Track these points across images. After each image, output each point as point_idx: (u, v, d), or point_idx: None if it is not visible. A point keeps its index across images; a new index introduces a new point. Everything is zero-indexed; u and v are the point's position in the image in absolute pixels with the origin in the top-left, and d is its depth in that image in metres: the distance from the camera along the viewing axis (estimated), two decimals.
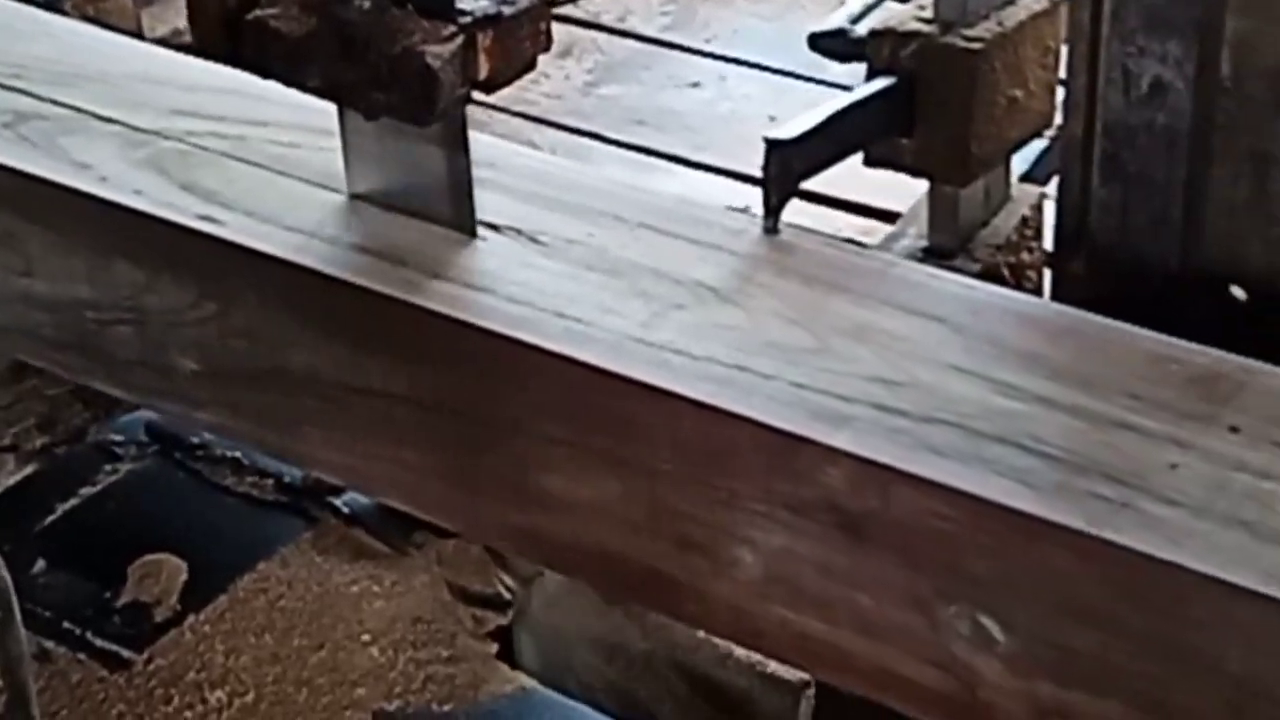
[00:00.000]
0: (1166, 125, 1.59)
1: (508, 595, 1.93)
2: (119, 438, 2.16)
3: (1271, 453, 1.37)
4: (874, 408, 1.44)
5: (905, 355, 1.49)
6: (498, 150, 1.69)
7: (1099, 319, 1.54)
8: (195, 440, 2.07)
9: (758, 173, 1.63)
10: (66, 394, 2.38)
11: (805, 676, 2.02)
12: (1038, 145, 1.81)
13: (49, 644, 1.86)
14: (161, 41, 2.37)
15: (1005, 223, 1.91)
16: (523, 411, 1.50)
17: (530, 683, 1.89)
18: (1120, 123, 1.62)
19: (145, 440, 2.13)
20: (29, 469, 2.24)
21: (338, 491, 1.91)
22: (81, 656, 1.86)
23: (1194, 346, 1.47)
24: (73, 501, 2.07)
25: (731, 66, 2.54)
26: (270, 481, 2.03)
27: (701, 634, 2.01)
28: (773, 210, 1.62)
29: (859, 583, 1.46)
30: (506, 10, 1.60)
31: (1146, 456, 1.38)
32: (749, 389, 1.44)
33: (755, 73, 2.49)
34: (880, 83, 1.67)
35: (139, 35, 2.08)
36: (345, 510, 1.98)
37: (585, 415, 1.49)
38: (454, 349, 1.52)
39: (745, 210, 1.64)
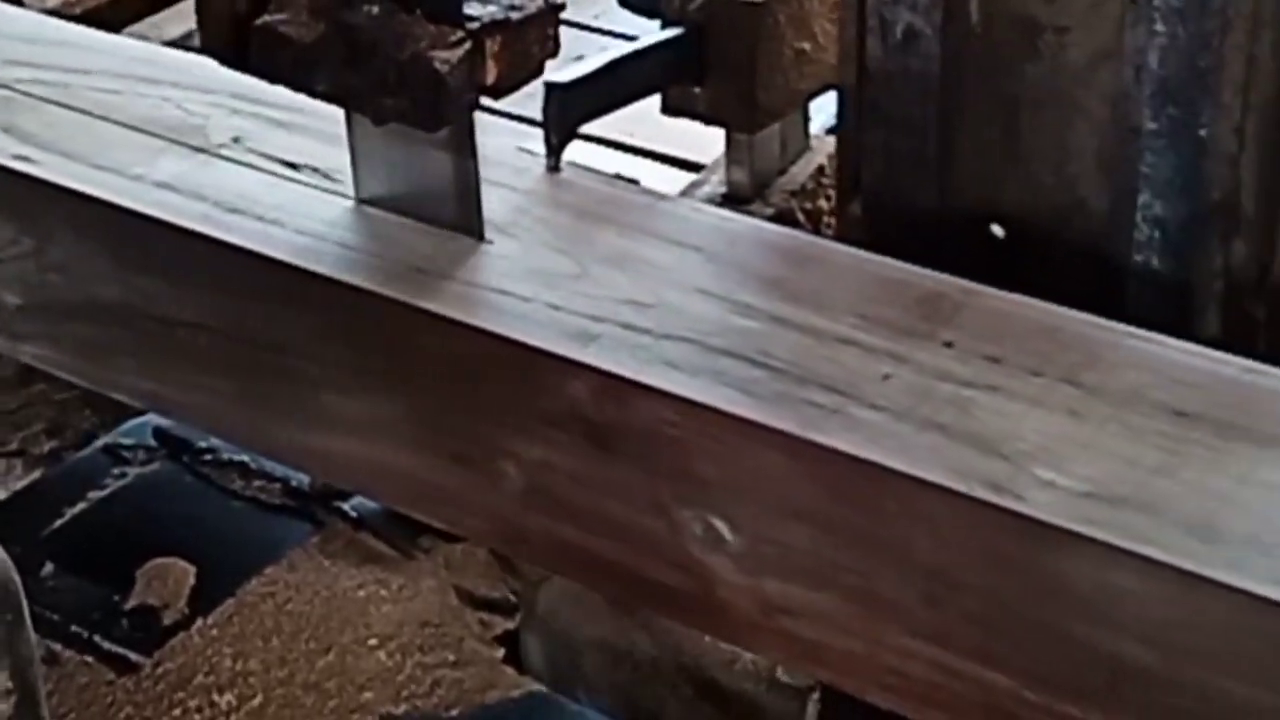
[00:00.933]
0: (920, 71, 1.66)
1: (515, 599, 1.93)
2: (127, 442, 2.17)
3: (978, 365, 1.48)
4: (620, 326, 1.56)
5: (658, 280, 1.61)
6: (303, 98, 1.75)
7: (844, 248, 1.67)
8: (203, 445, 2.08)
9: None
10: (75, 399, 2.39)
11: (812, 682, 2.02)
12: None
13: (57, 647, 1.86)
14: (174, 44, 2.39)
15: (802, 170, 2.07)
16: (308, 337, 1.62)
17: (537, 687, 1.89)
18: (880, 69, 1.68)
19: (153, 445, 2.13)
20: (37, 473, 2.25)
21: (345, 496, 1.91)
22: (90, 660, 1.86)
23: (925, 272, 1.58)
24: (81, 506, 2.07)
25: (616, 41, 2.58)
26: (277, 486, 2.03)
27: (708, 639, 2.02)
28: (553, 150, 1.74)
29: (607, 491, 1.57)
30: (514, 16, 1.61)
31: (862, 369, 1.50)
32: (508, 311, 1.56)
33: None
34: (666, 34, 1.80)
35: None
36: (352, 514, 1.98)
37: (363, 339, 1.61)
38: (249, 279, 1.62)
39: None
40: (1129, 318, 1.59)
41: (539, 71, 1.66)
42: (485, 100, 1.64)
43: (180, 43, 2.41)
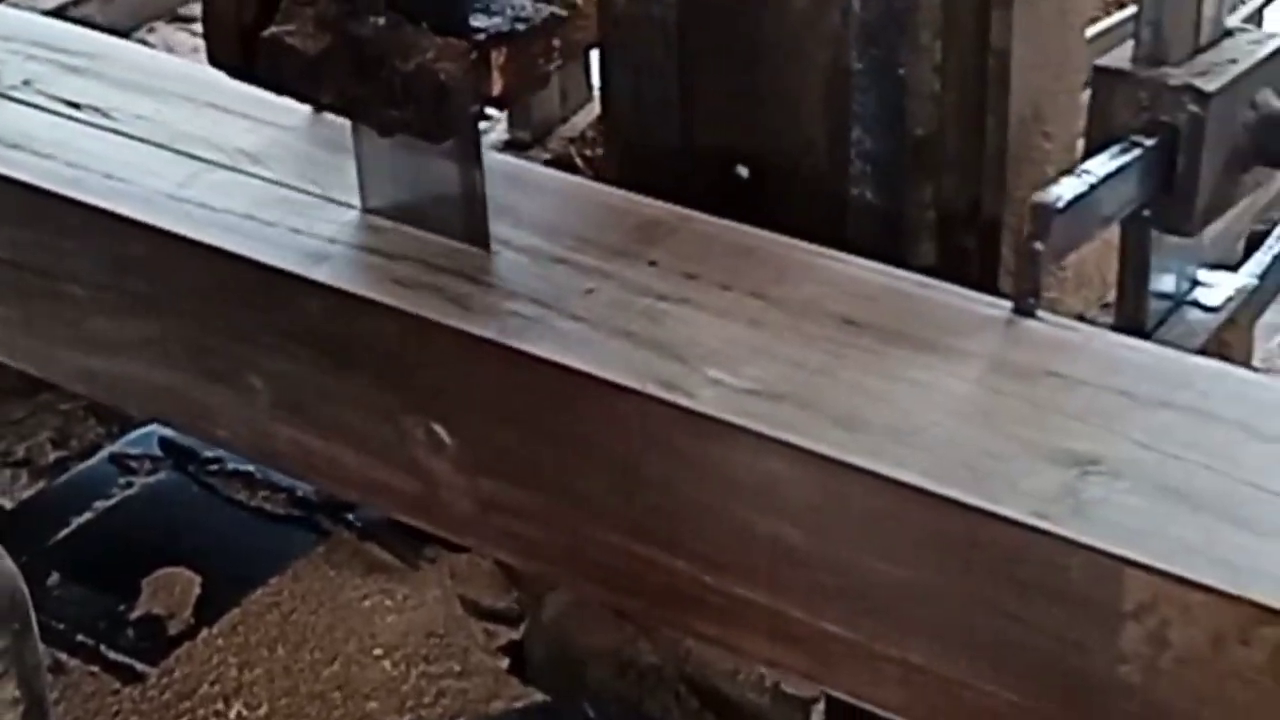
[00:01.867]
0: (660, 18, 1.76)
1: (519, 609, 1.93)
2: (133, 452, 2.17)
3: (675, 280, 1.62)
4: (355, 248, 1.70)
5: None
6: (99, 43, 1.99)
7: (580, 181, 1.83)
8: (209, 454, 2.08)
9: None
10: (80, 409, 2.39)
11: (815, 692, 2.02)
12: None
13: (63, 657, 1.86)
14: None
15: (583, 119, 2.20)
16: (77, 262, 1.75)
17: (542, 697, 1.89)
18: (626, 18, 1.78)
19: (159, 455, 2.14)
20: (43, 483, 2.25)
21: (350, 506, 1.92)
22: (95, 669, 1.86)
23: (648, 200, 1.71)
24: (87, 515, 2.07)
25: None
26: (283, 495, 2.04)
27: (713, 649, 2.02)
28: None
29: (343, 401, 1.70)
30: (520, 27, 1.62)
31: (569, 284, 1.64)
32: (252, 235, 1.70)
33: None
34: None
35: None
36: (357, 524, 1.99)
37: (124, 263, 1.72)
38: (26, 210, 1.77)
39: None
40: (852, 248, 1.71)
41: (545, 82, 1.67)
42: None
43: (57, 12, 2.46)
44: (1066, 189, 1.64)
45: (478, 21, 1.62)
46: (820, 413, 1.50)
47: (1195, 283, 2.04)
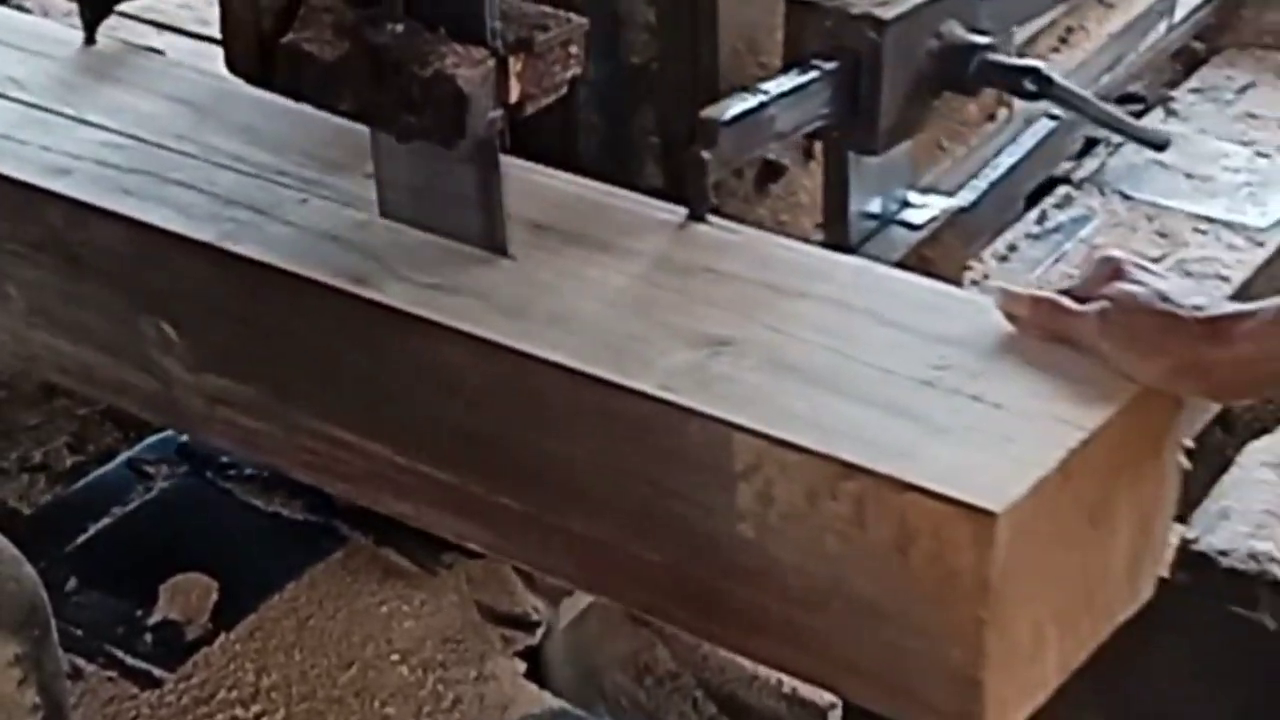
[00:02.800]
0: None
1: (536, 615, 1.93)
2: (150, 457, 2.17)
3: (363, 184, 1.79)
4: (95, 163, 1.87)
5: (144, 127, 1.94)
6: None
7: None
8: (226, 460, 2.08)
9: None
10: (97, 414, 2.40)
11: (832, 699, 2.02)
12: None
13: (81, 662, 1.86)
14: None
15: None
16: None
17: (559, 703, 1.89)
18: None
19: (176, 460, 2.14)
20: (60, 489, 2.25)
21: (367, 512, 1.92)
22: (113, 675, 1.86)
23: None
24: (104, 521, 2.07)
25: None
26: (300, 501, 2.04)
27: (729, 655, 2.02)
28: (88, 25, 2.07)
29: (86, 305, 1.87)
30: (538, 35, 1.62)
31: (288, 195, 1.82)
32: (5, 152, 1.90)
33: None
34: None
35: None
36: (374, 530, 1.99)
37: None
38: None
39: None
40: (584, 170, 1.87)
41: (562, 88, 1.67)
42: None
43: None
44: (735, 105, 1.79)
45: (496, 28, 1.62)
46: (492, 304, 1.66)
47: (906, 204, 2.26)
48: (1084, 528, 1.53)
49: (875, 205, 2.23)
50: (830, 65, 1.90)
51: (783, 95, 1.86)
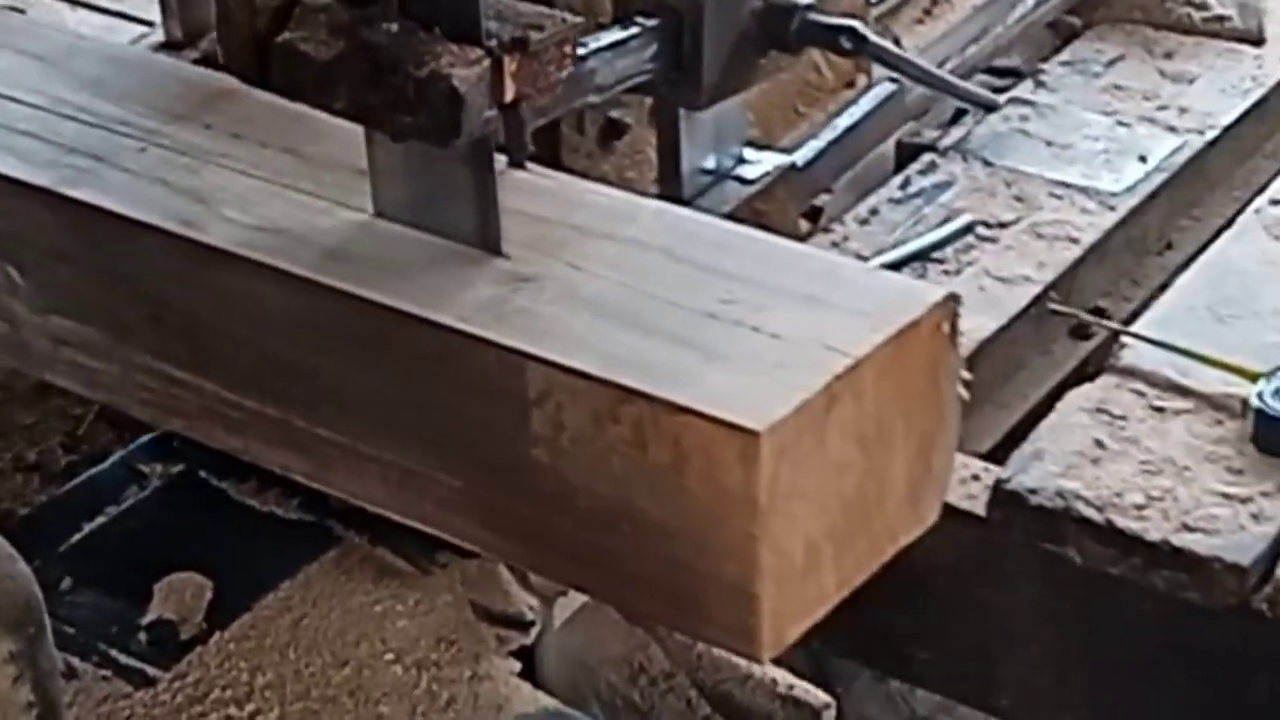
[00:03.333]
0: None
1: (531, 615, 1.94)
2: (144, 457, 2.17)
3: (223, 141, 1.90)
4: None
5: None
6: None
7: (171, 60, 2.16)
8: (220, 459, 2.08)
9: None
10: (91, 413, 2.39)
11: (827, 699, 2.02)
12: None
13: (75, 661, 1.86)
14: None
15: None
16: None
17: (553, 703, 1.90)
18: None
19: (171, 459, 2.14)
20: (54, 488, 2.25)
21: (362, 511, 1.92)
22: (107, 674, 1.86)
23: (223, 76, 1.88)
24: (99, 520, 2.07)
25: None
26: (295, 501, 2.04)
27: (724, 655, 2.02)
28: None
29: None
30: (533, 35, 1.62)
31: (127, 143, 1.91)
32: None
33: None
34: None
35: None
36: (369, 530, 1.99)
37: None
38: None
39: None
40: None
41: (557, 89, 1.68)
42: None
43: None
44: None
45: (490, 28, 1.62)
46: (309, 245, 1.75)
47: (741, 160, 2.39)
48: (856, 452, 1.60)
49: (710, 161, 2.36)
50: (653, 22, 1.97)
51: (602, 49, 1.94)
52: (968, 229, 2.62)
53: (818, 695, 2.00)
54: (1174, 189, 2.81)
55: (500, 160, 1.77)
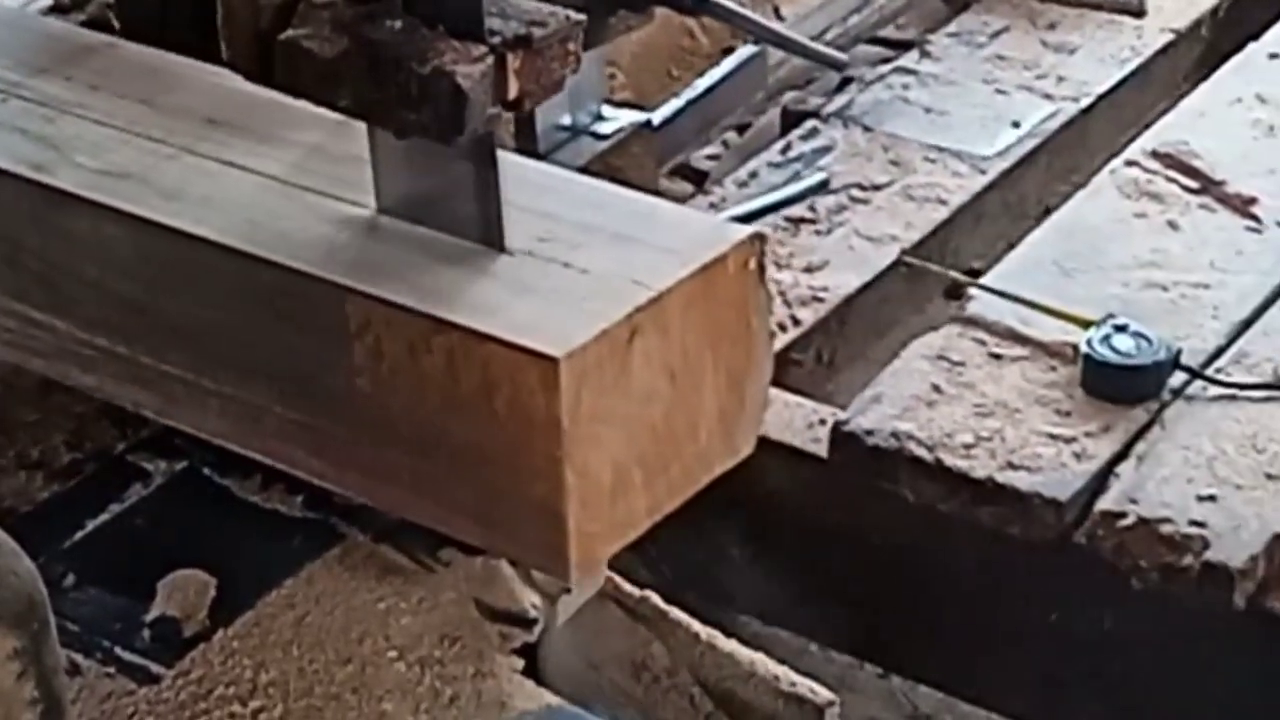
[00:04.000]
0: None
1: (534, 613, 1.94)
2: (147, 454, 2.17)
3: (82, 92, 1.98)
4: None
5: None
6: None
7: (48, 20, 2.27)
8: (224, 457, 2.08)
9: None
10: (94, 411, 2.39)
11: (830, 696, 2.02)
12: None
13: (79, 658, 1.86)
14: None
15: None
16: None
17: (556, 700, 1.90)
18: None
19: (174, 457, 2.14)
20: (58, 486, 2.25)
21: (365, 508, 1.92)
22: (111, 671, 1.87)
23: (85, 31, 2.10)
24: (102, 518, 2.08)
25: None
26: (298, 498, 2.04)
27: (727, 652, 2.02)
28: None
29: None
30: (537, 32, 1.62)
31: None
32: None
33: None
34: None
35: None
36: (373, 526, 1.99)
37: None
38: None
39: None
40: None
41: (560, 86, 1.68)
42: None
43: None
44: None
45: (494, 25, 1.62)
46: (153, 188, 1.82)
47: (599, 117, 2.52)
48: (664, 383, 1.67)
49: (566, 118, 2.50)
50: None
51: None
52: (822, 185, 2.73)
53: (821, 693, 2.00)
54: (1051, 155, 2.92)
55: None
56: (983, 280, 2.48)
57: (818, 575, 2.35)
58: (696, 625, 2.04)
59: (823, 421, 2.30)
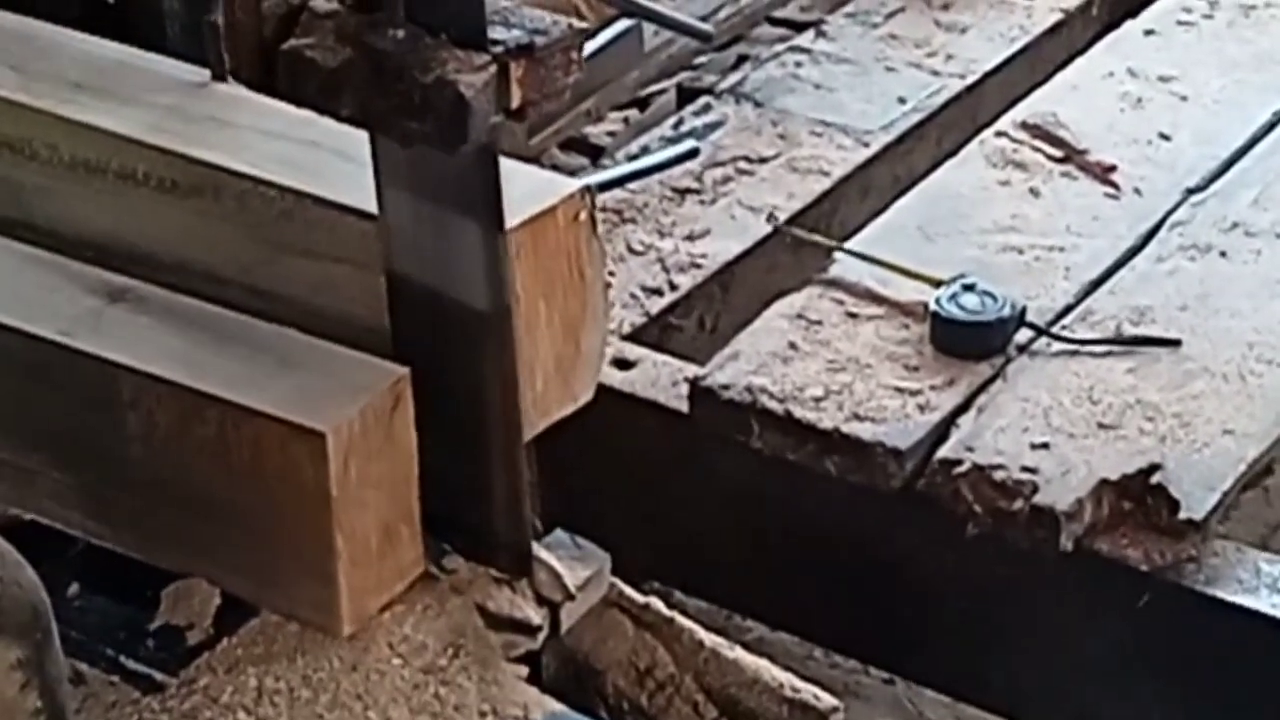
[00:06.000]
0: None
1: (538, 620, 1.94)
2: None
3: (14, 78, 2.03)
4: None
5: None
6: None
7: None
8: None
9: None
10: None
11: (835, 703, 2.02)
12: None
13: (83, 667, 1.86)
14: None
15: None
16: None
17: (560, 707, 1.90)
18: None
19: None
20: None
21: None
22: (115, 679, 1.87)
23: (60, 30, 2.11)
24: None
25: None
26: None
27: (731, 658, 2.02)
28: None
29: None
30: (539, 40, 1.62)
31: None
32: None
33: None
34: None
35: None
36: None
37: None
38: None
39: None
40: (174, 54, 2.08)
41: (563, 94, 1.68)
42: None
43: None
44: None
45: (496, 34, 1.63)
46: None
47: None
48: None
49: None
50: None
51: None
52: (691, 153, 2.80)
53: (826, 699, 2.00)
54: (940, 130, 3.00)
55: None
56: (847, 245, 2.57)
57: (682, 526, 2.44)
58: (701, 632, 2.04)
59: (687, 379, 2.38)
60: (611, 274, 2.54)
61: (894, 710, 2.62)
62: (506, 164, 1.82)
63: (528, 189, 1.81)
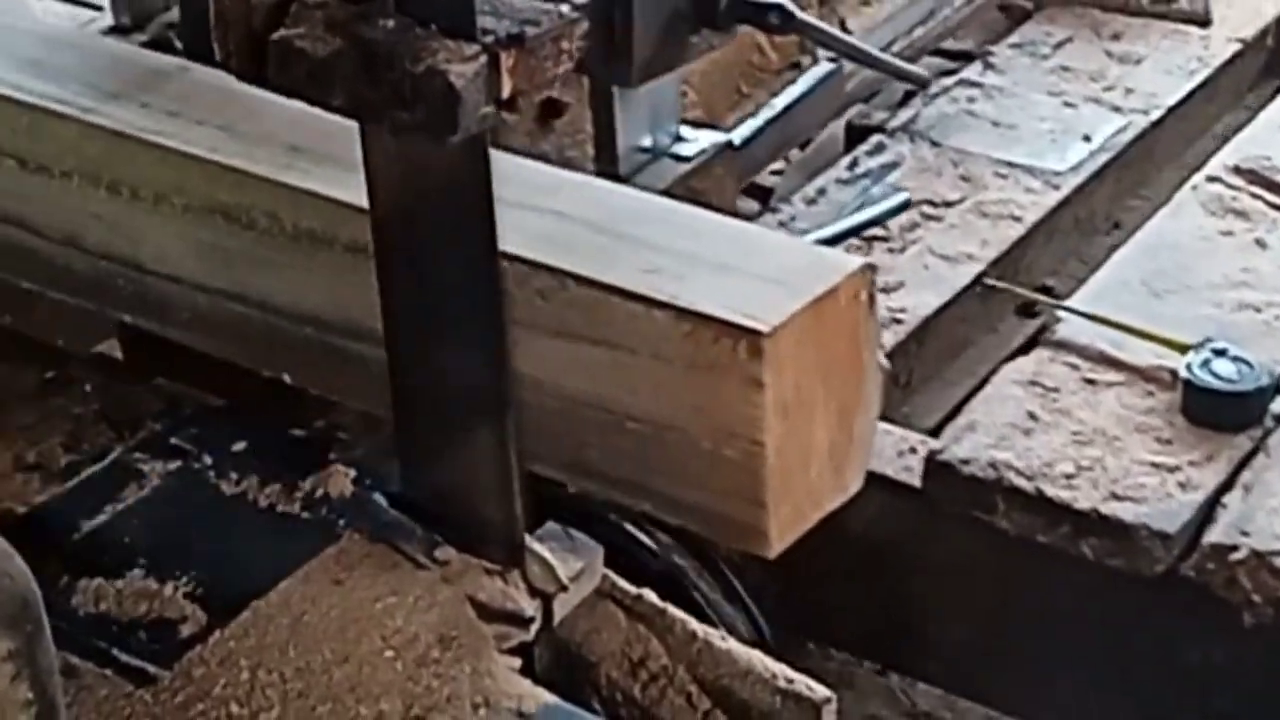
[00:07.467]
0: None
1: (530, 611, 1.93)
2: (144, 455, 2.17)
3: (159, 119, 2.00)
4: None
5: None
6: None
7: (105, 40, 2.34)
8: (220, 457, 2.08)
9: None
10: (92, 413, 2.39)
11: (828, 693, 2.02)
12: None
13: (75, 660, 1.86)
14: None
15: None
16: None
17: (552, 698, 1.89)
18: None
19: (170, 457, 2.14)
20: (55, 487, 2.25)
21: (362, 506, 1.92)
22: (107, 672, 1.86)
23: (155, 55, 2.14)
24: (99, 519, 2.08)
25: None
26: (295, 497, 2.04)
27: (724, 649, 2.02)
28: None
29: None
30: (529, 30, 1.62)
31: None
32: None
33: None
34: None
35: None
36: (370, 525, 1.99)
37: None
38: None
39: None
40: None
41: (555, 84, 1.68)
42: None
43: None
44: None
45: (487, 24, 1.62)
46: None
47: (679, 138, 2.47)
48: (776, 418, 1.65)
49: (647, 139, 2.45)
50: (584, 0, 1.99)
51: None
52: (904, 205, 2.67)
53: (819, 690, 2.00)
54: (1120, 169, 2.88)
55: None
56: (1069, 302, 2.43)
57: (915, 609, 2.30)
58: (694, 623, 2.04)
59: (913, 450, 2.25)
60: None
61: (887, 701, 2.62)
62: (775, 238, 1.82)
63: (805, 265, 1.70)
